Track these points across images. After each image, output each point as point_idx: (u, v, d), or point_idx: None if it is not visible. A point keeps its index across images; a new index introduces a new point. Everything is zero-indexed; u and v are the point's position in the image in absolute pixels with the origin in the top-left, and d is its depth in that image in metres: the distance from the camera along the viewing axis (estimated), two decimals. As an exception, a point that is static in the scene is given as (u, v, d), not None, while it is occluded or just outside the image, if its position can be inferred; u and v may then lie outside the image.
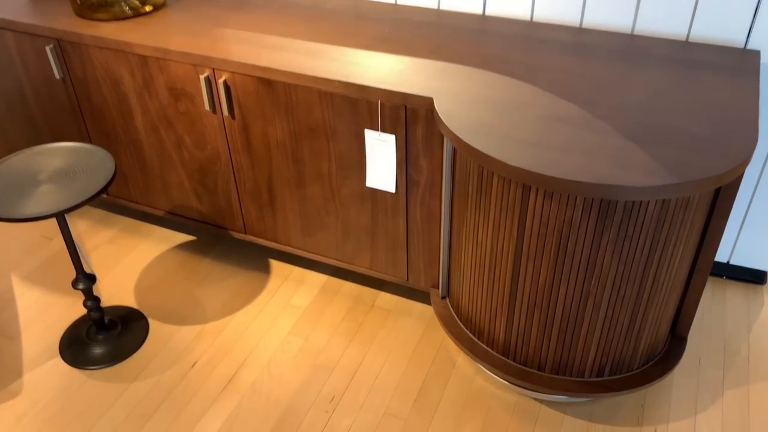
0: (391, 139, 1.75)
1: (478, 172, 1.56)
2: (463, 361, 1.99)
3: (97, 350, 2.04)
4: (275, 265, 2.37)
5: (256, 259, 2.40)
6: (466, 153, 1.48)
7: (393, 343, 2.06)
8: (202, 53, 1.86)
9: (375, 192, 1.89)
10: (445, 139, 1.68)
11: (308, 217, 2.07)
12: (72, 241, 1.87)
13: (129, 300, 2.24)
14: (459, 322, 1.89)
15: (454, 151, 1.68)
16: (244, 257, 2.40)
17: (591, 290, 1.55)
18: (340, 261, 2.13)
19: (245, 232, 2.25)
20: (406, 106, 1.68)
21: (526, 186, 1.46)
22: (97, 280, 2.04)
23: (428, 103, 1.64)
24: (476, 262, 1.70)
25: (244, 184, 2.10)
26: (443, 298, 1.97)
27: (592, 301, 1.57)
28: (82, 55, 2.07)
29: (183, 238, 2.50)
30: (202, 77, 1.89)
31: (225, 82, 1.89)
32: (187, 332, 2.12)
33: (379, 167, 1.82)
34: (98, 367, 2.00)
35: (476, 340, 1.83)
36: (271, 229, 2.18)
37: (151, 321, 2.16)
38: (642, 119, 1.54)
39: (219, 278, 2.32)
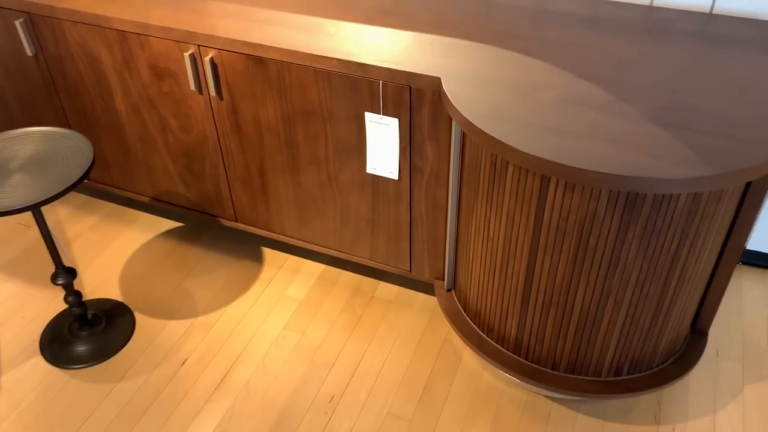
0: (393, 122, 1.61)
1: (491, 161, 1.43)
2: (469, 355, 1.88)
3: (81, 348, 1.92)
4: (269, 253, 2.24)
5: (248, 246, 2.27)
6: (479, 139, 1.35)
7: (395, 337, 1.95)
8: (186, 28, 1.71)
9: (376, 179, 1.76)
10: (453, 123, 1.54)
11: (304, 204, 1.94)
12: (49, 234, 1.73)
13: (114, 292, 2.11)
14: (466, 317, 1.77)
15: (464, 137, 1.54)
16: (235, 245, 2.27)
17: (613, 287, 1.43)
18: (338, 251, 2.01)
19: (236, 220, 2.12)
20: (410, 87, 1.54)
21: (545, 177, 1.34)
22: (77, 275, 1.91)
23: (435, 83, 1.50)
24: (487, 255, 1.58)
25: (234, 170, 1.96)
26: (449, 290, 1.86)
27: (613, 299, 1.45)
28: (55, 30, 1.91)
29: (170, 224, 2.36)
30: (186, 55, 1.74)
31: (212, 60, 1.74)
32: (176, 327, 2.00)
33: (381, 152, 1.69)
34: (82, 366, 1.88)
35: (485, 336, 1.72)
36: (264, 216, 2.05)
37: (137, 315, 2.04)
38: (669, 101, 1.41)
39: (209, 268, 2.19)
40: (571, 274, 1.44)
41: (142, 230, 2.34)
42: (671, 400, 1.76)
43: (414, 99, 1.56)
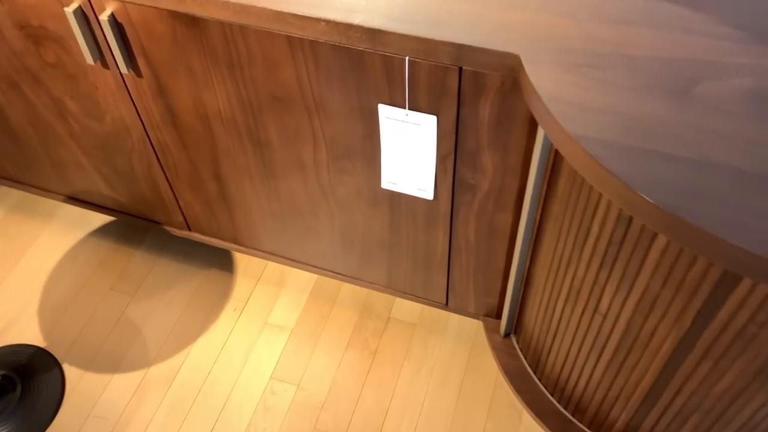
0: (429, 121, 0.97)
1: (619, 213, 0.81)
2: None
3: (-11, 432, 1.37)
4: (241, 259, 1.63)
5: (211, 249, 1.65)
6: (611, 194, 0.72)
7: (426, 384, 1.41)
8: (59, -34, 0.99)
9: (395, 195, 1.13)
10: (539, 130, 0.90)
11: (285, 219, 1.31)
12: None
13: (30, 333, 1.52)
14: (540, 384, 1.22)
15: (555, 153, 0.91)
16: (193, 247, 1.66)
17: (811, 403, 0.88)
18: (341, 274, 1.41)
19: (189, 230, 1.49)
20: (460, 69, 0.88)
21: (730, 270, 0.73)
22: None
23: (509, 64, 0.84)
24: (590, 330, 1.00)
25: (176, 171, 1.31)
26: (506, 336, 1.29)
27: (805, 414, 0.90)
28: None
29: (101, 218, 1.72)
30: (68, 10, 1.03)
31: (113, 19, 1.03)
32: (122, 384, 1.44)
33: (405, 162, 1.05)
34: (-7, 461, 1.34)
35: (571, 417, 1.18)
36: (228, 228, 1.43)
37: (66, 368, 1.46)
38: None
39: (161, 285, 1.59)
40: (745, 387, 0.87)
41: (64, 229, 1.70)
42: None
43: (467, 87, 0.90)
